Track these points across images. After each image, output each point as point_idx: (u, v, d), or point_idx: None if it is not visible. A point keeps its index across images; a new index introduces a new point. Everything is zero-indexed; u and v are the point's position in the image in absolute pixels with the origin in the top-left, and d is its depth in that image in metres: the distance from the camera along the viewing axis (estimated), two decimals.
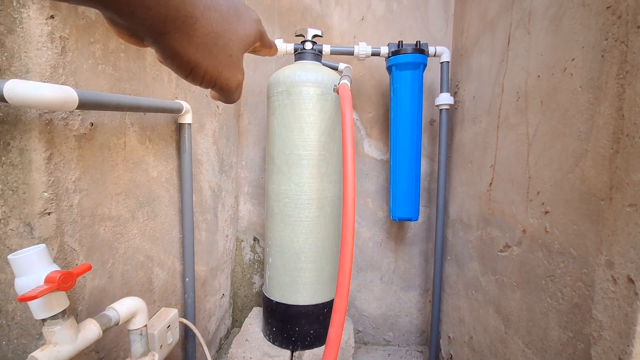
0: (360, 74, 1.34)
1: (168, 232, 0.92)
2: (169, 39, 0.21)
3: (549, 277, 0.66)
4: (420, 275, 1.41)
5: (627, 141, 0.50)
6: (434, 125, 1.35)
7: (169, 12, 0.19)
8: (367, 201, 1.40)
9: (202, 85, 0.24)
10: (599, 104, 0.55)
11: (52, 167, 0.55)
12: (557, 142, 0.65)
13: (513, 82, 0.83)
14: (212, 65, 0.23)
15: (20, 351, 0.56)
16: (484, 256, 0.94)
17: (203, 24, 0.22)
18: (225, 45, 0.24)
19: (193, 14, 0.21)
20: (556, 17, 0.67)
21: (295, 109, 0.98)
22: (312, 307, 1.03)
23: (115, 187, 0.70)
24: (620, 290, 0.50)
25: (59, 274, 0.47)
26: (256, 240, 1.47)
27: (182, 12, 0.20)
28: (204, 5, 0.22)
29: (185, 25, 0.21)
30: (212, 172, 1.18)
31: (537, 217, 0.71)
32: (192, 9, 0.21)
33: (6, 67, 0.51)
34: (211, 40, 0.23)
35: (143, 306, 0.65)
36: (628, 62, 0.51)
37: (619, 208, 0.50)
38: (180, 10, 0.20)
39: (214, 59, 0.23)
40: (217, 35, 0.23)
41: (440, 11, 1.31)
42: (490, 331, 0.89)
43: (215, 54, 0.23)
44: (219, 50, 0.23)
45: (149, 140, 0.81)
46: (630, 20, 0.51)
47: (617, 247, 0.50)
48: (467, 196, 1.08)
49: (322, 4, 1.34)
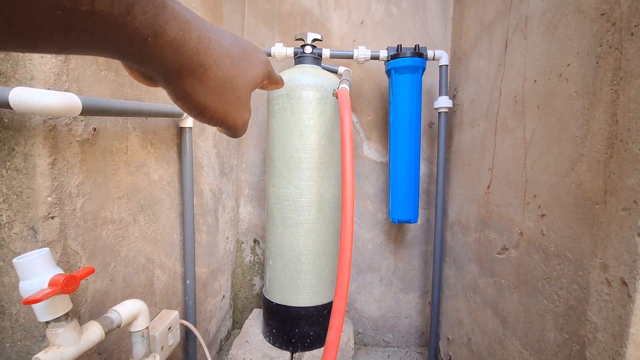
0: (359, 77, 1.35)
1: (169, 234, 0.92)
2: (182, 83, 0.22)
3: (546, 280, 0.67)
4: (420, 277, 1.42)
5: (621, 146, 0.51)
6: (433, 128, 1.36)
7: (184, 61, 0.20)
8: (366, 203, 1.41)
9: (210, 123, 0.25)
10: (594, 109, 0.56)
11: (56, 172, 0.56)
12: (554, 147, 0.66)
13: (510, 87, 0.84)
14: (220, 106, 0.24)
15: (24, 353, 0.56)
16: (482, 258, 0.95)
17: (215, 70, 0.22)
18: (234, 88, 0.25)
19: (206, 62, 0.22)
20: (552, 23, 0.68)
21: (295, 113, 0.99)
22: (312, 308, 1.04)
23: (117, 191, 0.71)
24: (614, 292, 0.51)
25: (63, 277, 0.48)
26: (256, 242, 1.48)
27: (196, 61, 0.21)
28: (217, 54, 0.22)
29: (197, 72, 0.22)
30: (213, 175, 1.19)
31: (533, 220, 0.72)
32: (206, 58, 0.22)
33: (11, 74, 0.52)
34: (221, 85, 0.23)
35: (144, 308, 0.66)
36: (622, 69, 0.52)
37: (613, 212, 0.51)
38: (194, 60, 0.21)
39: (223, 101, 0.24)
40: (227, 80, 0.24)
41: (439, 15, 1.32)
42: (488, 333, 0.90)
43: (224, 97, 0.24)
44: (228, 92, 0.24)
45: (150, 144, 0.82)
46: (624, 27, 0.52)
47: (611, 250, 0.51)
48: (466, 199, 1.09)
49: (321, 8, 1.35)
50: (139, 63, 0.19)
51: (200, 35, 0.21)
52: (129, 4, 0.16)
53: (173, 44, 0.19)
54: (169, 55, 0.19)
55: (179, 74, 0.21)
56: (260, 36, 1.39)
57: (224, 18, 1.19)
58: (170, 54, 0.19)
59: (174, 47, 0.19)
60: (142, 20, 0.17)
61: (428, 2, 1.32)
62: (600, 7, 0.56)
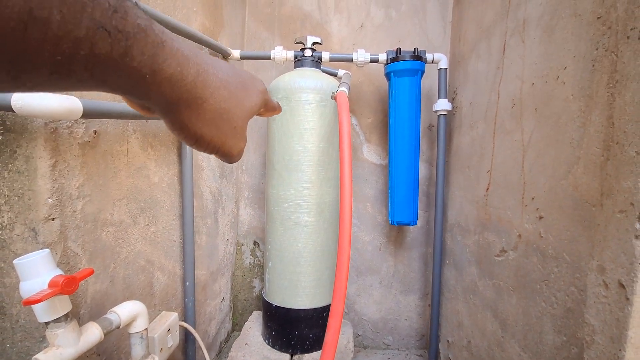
0: (359, 80, 1.36)
1: (169, 236, 0.93)
2: (179, 115, 0.22)
3: (544, 282, 0.67)
4: (420, 279, 1.42)
5: (617, 149, 0.51)
6: (432, 130, 1.36)
7: (181, 95, 0.21)
8: (366, 205, 1.41)
9: (206, 152, 0.26)
10: (590, 112, 0.57)
11: (57, 174, 0.57)
12: (551, 149, 0.66)
13: (508, 89, 0.84)
14: (217, 136, 0.25)
15: (24, 353, 0.57)
16: (481, 260, 0.95)
17: (212, 102, 0.23)
18: (230, 119, 0.25)
19: (203, 95, 0.22)
20: (549, 27, 0.69)
21: (295, 115, 1.00)
22: (311, 310, 1.04)
23: (117, 193, 0.72)
24: (611, 295, 0.51)
25: (63, 278, 0.48)
26: (256, 244, 1.48)
27: (194, 94, 0.21)
28: (215, 86, 0.23)
29: (195, 105, 0.22)
30: (213, 177, 1.20)
31: (532, 222, 0.72)
32: (203, 91, 0.22)
33: None
34: (218, 116, 0.24)
35: (144, 310, 0.66)
36: (618, 72, 0.52)
37: (609, 214, 0.51)
38: (191, 93, 0.21)
39: (219, 131, 0.25)
40: (224, 111, 0.24)
41: (438, 18, 1.33)
42: (488, 335, 0.90)
43: (221, 127, 0.25)
44: (225, 123, 0.25)
45: (150, 147, 0.83)
46: (620, 30, 0.52)
47: (608, 252, 0.51)
48: (465, 201, 1.09)
49: (321, 12, 1.36)
50: (137, 97, 0.20)
51: (198, 70, 0.21)
52: (127, 45, 0.16)
53: (171, 80, 0.20)
54: (166, 90, 0.20)
55: (176, 107, 0.21)
56: (260, 39, 1.40)
57: (224, 22, 1.20)
58: (168, 89, 0.20)
59: (172, 83, 0.20)
60: (140, 61, 0.17)
61: (427, 6, 1.33)
62: (597, 11, 0.57)
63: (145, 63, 0.18)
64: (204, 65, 0.22)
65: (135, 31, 0.17)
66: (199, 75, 0.21)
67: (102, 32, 0.15)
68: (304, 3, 1.36)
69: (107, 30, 0.15)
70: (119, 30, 0.16)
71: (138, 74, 0.18)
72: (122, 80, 0.18)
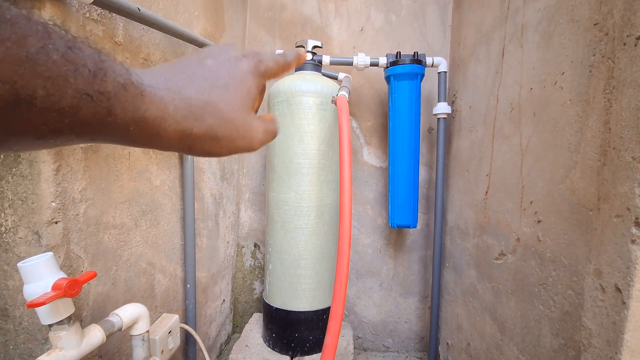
0: (359, 84, 1.37)
1: (170, 239, 0.93)
2: (176, 147, 0.23)
3: (542, 285, 0.67)
4: (420, 282, 1.42)
5: (613, 154, 0.52)
6: (432, 133, 1.37)
7: (169, 134, 0.21)
8: (366, 208, 1.41)
9: (227, 155, 0.26)
10: (587, 117, 0.57)
11: (60, 178, 0.57)
12: (549, 153, 0.67)
13: (507, 94, 0.85)
14: (223, 146, 0.24)
15: (27, 355, 0.57)
16: (480, 264, 0.96)
17: (199, 126, 0.22)
18: (226, 128, 0.24)
19: (188, 126, 0.22)
20: (547, 32, 0.69)
21: (295, 119, 1.01)
22: (311, 313, 1.05)
23: (119, 196, 0.72)
24: (608, 298, 0.51)
25: (66, 281, 0.49)
26: (257, 246, 1.49)
27: (180, 128, 0.21)
28: (195, 112, 0.22)
29: (185, 135, 0.22)
30: (214, 180, 1.20)
31: (530, 226, 0.72)
32: (186, 122, 0.22)
33: None
34: (212, 134, 0.23)
35: (145, 312, 0.67)
36: (614, 78, 0.53)
37: (606, 218, 0.52)
38: (178, 127, 0.21)
39: (222, 141, 0.24)
40: (216, 125, 0.23)
41: (437, 22, 1.33)
42: (486, 338, 0.90)
43: (221, 138, 0.24)
44: (223, 132, 0.24)
45: (152, 150, 0.84)
46: (616, 37, 0.53)
47: (605, 256, 0.52)
48: (465, 204, 1.09)
49: (322, 16, 1.37)
50: (127, 145, 0.21)
51: (176, 105, 0.21)
52: (110, 105, 0.17)
53: (155, 123, 0.20)
54: (153, 134, 0.20)
55: (169, 146, 0.22)
56: (261, 43, 1.41)
57: (225, 25, 1.21)
58: (154, 132, 0.20)
59: (156, 126, 0.20)
60: (123, 117, 0.18)
61: (427, 11, 1.34)
62: (594, 17, 0.58)
63: (128, 117, 0.18)
64: (177, 98, 0.22)
65: (116, 90, 0.17)
66: (177, 110, 0.21)
67: (85, 98, 0.16)
68: (304, 7, 1.37)
69: (89, 96, 0.16)
70: (101, 92, 0.16)
71: (123, 128, 0.18)
72: (108, 136, 0.18)
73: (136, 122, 0.19)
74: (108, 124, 0.17)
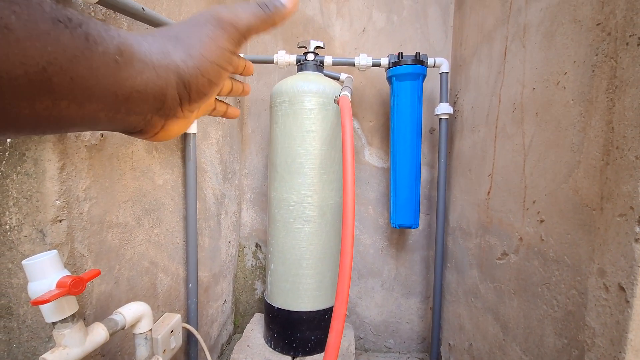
0: (361, 84, 1.37)
1: (172, 238, 0.94)
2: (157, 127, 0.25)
3: (545, 285, 0.67)
4: (421, 282, 1.42)
5: (617, 153, 0.52)
6: (434, 134, 1.37)
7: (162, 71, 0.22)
8: (368, 208, 1.41)
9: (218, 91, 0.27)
10: (590, 117, 0.57)
11: (65, 177, 0.58)
12: (551, 153, 0.67)
13: (509, 94, 0.85)
14: (202, 93, 0.24)
15: (30, 354, 0.57)
16: (483, 264, 0.96)
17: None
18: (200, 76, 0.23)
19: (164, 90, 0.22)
20: (549, 32, 0.70)
21: (298, 119, 1.01)
22: (313, 313, 1.04)
23: (122, 195, 0.73)
24: (612, 298, 0.51)
25: (70, 279, 0.49)
26: (258, 246, 1.49)
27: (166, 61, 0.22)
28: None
29: (165, 107, 0.23)
30: (216, 180, 1.21)
31: (533, 225, 0.72)
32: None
33: None
34: (196, 80, 0.23)
35: (148, 311, 0.67)
36: (617, 78, 0.53)
37: (609, 218, 0.52)
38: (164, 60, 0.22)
39: (203, 90, 0.24)
40: (193, 68, 0.23)
41: (439, 23, 1.34)
42: (489, 338, 0.90)
43: (201, 88, 0.24)
44: (202, 74, 0.23)
45: (155, 150, 0.84)
46: (619, 37, 0.53)
47: (609, 255, 0.52)
48: (467, 204, 1.09)
49: (324, 16, 1.37)
50: (125, 95, 0.21)
51: (149, 42, 0.22)
52: (86, 30, 0.17)
53: (134, 50, 0.20)
54: (142, 66, 0.20)
55: (156, 83, 0.22)
56: (263, 43, 1.41)
57: None
58: (140, 60, 0.20)
59: (140, 53, 0.20)
60: (102, 44, 0.18)
61: (429, 11, 1.34)
62: (596, 17, 0.58)
63: (108, 44, 0.18)
64: (150, 38, 0.22)
65: (85, 19, 0.17)
66: (151, 45, 0.21)
67: (58, 24, 0.15)
68: (306, 7, 1.38)
69: (61, 22, 0.16)
70: (69, 18, 0.16)
71: (109, 60, 0.18)
72: (95, 73, 0.18)
73: (119, 49, 0.19)
74: (90, 53, 0.17)
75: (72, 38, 0.16)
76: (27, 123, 0.16)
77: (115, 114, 0.20)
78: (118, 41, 0.19)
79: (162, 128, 0.25)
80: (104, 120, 0.20)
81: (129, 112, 0.21)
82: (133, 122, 0.22)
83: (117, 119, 0.21)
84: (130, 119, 0.21)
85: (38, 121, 0.16)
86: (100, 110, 0.19)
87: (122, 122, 0.21)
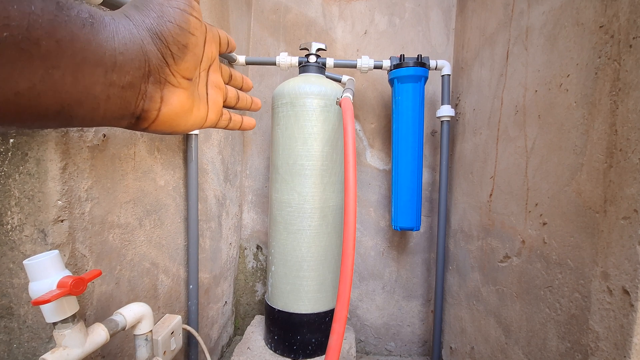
0: (363, 86, 1.37)
1: (173, 239, 0.94)
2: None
3: (547, 288, 0.67)
4: (423, 285, 1.41)
5: (620, 156, 0.51)
6: (435, 136, 1.37)
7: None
8: (369, 210, 1.41)
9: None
10: (593, 119, 0.57)
11: (67, 177, 0.58)
12: (554, 156, 0.67)
13: (512, 96, 0.85)
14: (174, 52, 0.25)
15: (31, 354, 0.57)
16: (485, 266, 0.95)
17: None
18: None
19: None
20: (552, 35, 0.70)
21: (299, 120, 1.01)
22: (314, 315, 1.04)
23: (124, 196, 0.73)
24: (615, 301, 0.51)
25: (71, 279, 0.49)
26: (259, 248, 1.49)
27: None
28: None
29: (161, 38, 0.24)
30: (217, 181, 1.21)
31: (535, 228, 0.72)
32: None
33: None
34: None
35: (149, 312, 0.67)
36: (620, 80, 0.53)
37: (613, 221, 0.52)
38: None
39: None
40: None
41: (441, 26, 1.34)
42: (491, 342, 0.89)
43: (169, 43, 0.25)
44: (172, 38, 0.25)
45: (157, 151, 0.84)
46: (622, 39, 0.53)
47: (612, 259, 0.52)
48: (468, 206, 1.09)
49: (326, 19, 1.38)
50: (113, 54, 0.21)
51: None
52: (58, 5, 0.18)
53: (110, 21, 0.21)
54: (125, 30, 0.22)
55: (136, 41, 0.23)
56: (265, 45, 1.41)
57: (230, 28, 1.22)
58: (121, 21, 0.22)
59: (115, 22, 0.22)
60: (75, 10, 0.18)
61: (431, 14, 1.34)
62: (599, 20, 0.58)
63: (79, 7, 0.19)
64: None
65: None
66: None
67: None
68: (308, 10, 1.38)
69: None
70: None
71: (84, 20, 0.19)
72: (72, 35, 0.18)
73: (89, 13, 0.19)
74: (65, 16, 0.17)
75: (44, 3, 0.17)
76: (28, 105, 0.16)
77: (110, 87, 0.20)
78: (85, 7, 0.20)
79: (162, 101, 0.25)
80: (102, 100, 0.20)
81: (123, 85, 0.21)
82: (129, 97, 0.22)
83: (115, 96, 0.21)
84: (127, 94, 0.22)
85: (38, 100, 0.17)
86: (95, 84, 0.19)
87: (120, 100, 0.22)
